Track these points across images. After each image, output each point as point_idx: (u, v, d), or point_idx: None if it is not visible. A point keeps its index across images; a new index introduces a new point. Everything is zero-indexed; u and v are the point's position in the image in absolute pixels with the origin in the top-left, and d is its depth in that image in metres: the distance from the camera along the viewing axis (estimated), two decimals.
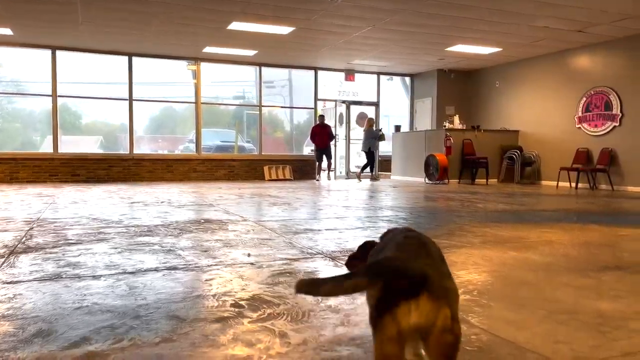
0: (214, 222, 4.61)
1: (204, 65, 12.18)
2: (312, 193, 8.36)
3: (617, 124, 9.75)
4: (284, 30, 9.20)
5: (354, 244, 3.54)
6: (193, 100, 12.25)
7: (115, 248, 3.30)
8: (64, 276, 2.56)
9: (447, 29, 9.15)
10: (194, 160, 12.14)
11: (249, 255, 3.11)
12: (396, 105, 14.96)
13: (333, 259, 3.03)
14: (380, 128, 13.03)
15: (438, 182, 11.24)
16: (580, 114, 10.48)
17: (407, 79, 14.40)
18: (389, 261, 1.21)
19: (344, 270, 2.62)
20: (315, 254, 3.16)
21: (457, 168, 11.56)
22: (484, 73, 13.01)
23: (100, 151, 11.90)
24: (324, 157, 12.42)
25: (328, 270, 2.74)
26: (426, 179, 11.62)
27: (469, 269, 2.81)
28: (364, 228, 4.33)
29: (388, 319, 1.06)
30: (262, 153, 12.89)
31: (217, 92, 13.21)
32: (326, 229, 4.23)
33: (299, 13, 8.18)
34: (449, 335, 1.09)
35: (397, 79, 14.52)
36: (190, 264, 2.84)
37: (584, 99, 10.38)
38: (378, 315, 1.09)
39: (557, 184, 10.59)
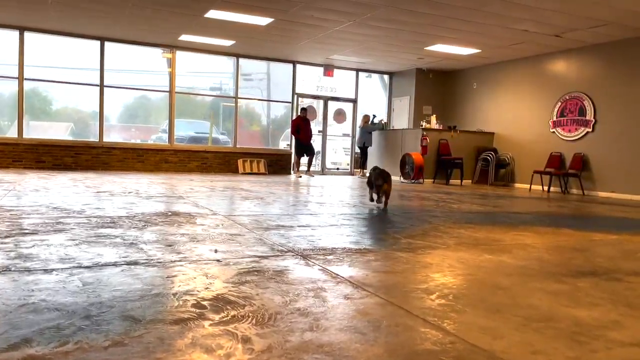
0: (182, 215, 4.43)
1: (180, 54, 11.88)
2: (286, 188, 8.22)
3: (590, 130, 9.88)
4: (263, 21, 9.01)
5: (327, 242, 3.43)
6: (167, 89, 11.94)
7: (73, 240, 3.11)
8: (12, 269, 2.37)
9: (427, 27, 9.10)
10: (166, 151, 11.85)
11: (215, 251, 2.97)
12: (374, 103, 14.92)
13: (304, 257, 2.90)
14: (378, 120, 13.14)
15: (413, 181, 11.23)
16: (555, 118, 10.59)
17: (386, 77, 14.36)
18: (378, 175, 5.37)
19: (316, 271, 2.47)
20: (286, 252, 3.03)
21: (433, 168, 11.58)
22: (462, 74, 13.05)
23: (68, 138, 11.50)
24: (305, 153, 12.11)
25: (299, 269, 2.61)
26: (401, 177, 11.60)
27: (444, 271, 2.73)
28: (338, 225, 4.22)
29: (378, 185, 5.33)
30: (237, 146, 12.68)
31: (194, 82, 12.93)
32: (299, 226, 4.10)
33: (278, 4, 8.01)
34: (389, 191, 5.41)
35: (375, 76, 14.46)
36: (152, 259, 2.68)
37: (559, 103, 10.50)
38: (374, 184, 5.42)
39: (530, 186, 10.69)
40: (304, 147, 11.92)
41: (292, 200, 6.36)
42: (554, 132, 10.62)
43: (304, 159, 12.13)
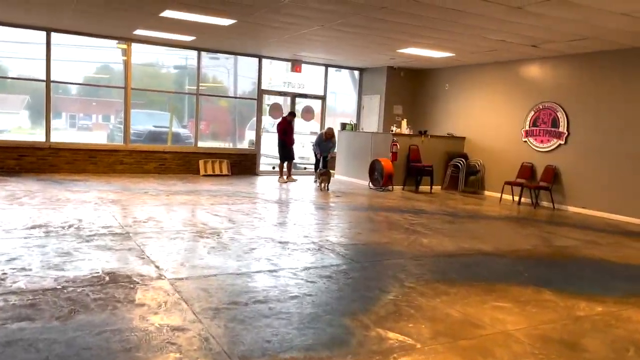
0: (121, 280, 3.87)
1: (136, 45, 10.98)
2: (249, 209, 7.67)
3: (563, 142, 9.64)
4: (225, 22, 8.29)
5: (281, 341, 2.92)
6: (122, 84, 11.07)
7: None
8: None
9: (399, 34, 8.57)
10: (121, 152, 11.04)
11: None
12: (344, 100, 14.41)
13: None
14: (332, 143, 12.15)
15: (382, 188, 10.84)
16: (527, 127, 10.31)
17: (356, 73, 13.80)
18: (323, 173, 10.48)
19: None
20: None
21: (402, 174, 11.20)
22: (435, 74, 12.62)
23: (11, 138, 10.57)
24: (287, 158, 11.46)
25: None
26: (370, 184, 11.19)
27: None
28: (299, 297, 3.74)
29: (323, 174, 10.45)
30: (198, 145, 11.97)
31: (156, 57, 12.21)
32: (254, 301, 3.61)
33: (241, 7, 7.32)
34: (328, 179, 10.38)
35: (345, 71, 13.89)
36: None
37: (532, 112, 10.20)
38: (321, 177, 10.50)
39: (501, 197, 10.44)
40: (287, 150, 11.33)
41: (252, 236, 5.84)
42: (526, 141, 10.35)
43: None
